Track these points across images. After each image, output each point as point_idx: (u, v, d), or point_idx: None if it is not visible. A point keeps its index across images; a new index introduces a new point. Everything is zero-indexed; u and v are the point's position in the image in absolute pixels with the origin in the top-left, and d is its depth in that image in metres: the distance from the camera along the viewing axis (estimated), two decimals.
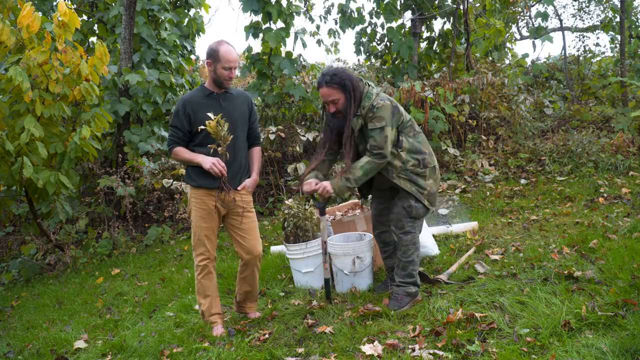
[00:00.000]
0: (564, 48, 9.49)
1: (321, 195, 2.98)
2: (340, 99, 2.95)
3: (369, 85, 3.05)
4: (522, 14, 10.97)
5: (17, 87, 4.71)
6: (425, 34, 9.23)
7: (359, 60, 10.46)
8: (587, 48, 10.34)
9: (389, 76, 8.68)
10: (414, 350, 2.46)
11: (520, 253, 3.72)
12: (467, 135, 7.61)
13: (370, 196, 3.53)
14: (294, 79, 7.88)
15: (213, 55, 2.92)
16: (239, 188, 3.04)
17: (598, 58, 10.67)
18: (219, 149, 2.87)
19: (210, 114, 2.83)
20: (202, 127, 2.84)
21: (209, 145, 2.90)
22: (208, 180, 2.95)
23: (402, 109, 3.08)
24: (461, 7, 8.43)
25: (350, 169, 2.95)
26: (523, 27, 12.13)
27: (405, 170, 3.02)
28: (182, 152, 2.98)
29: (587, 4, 10.35)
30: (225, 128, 2.83)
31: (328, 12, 9.28)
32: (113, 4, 8.11)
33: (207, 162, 2.87)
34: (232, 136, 2.89)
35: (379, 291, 3.40)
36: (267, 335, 2.93)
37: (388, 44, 9.25)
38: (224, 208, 3.04)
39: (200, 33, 9.06)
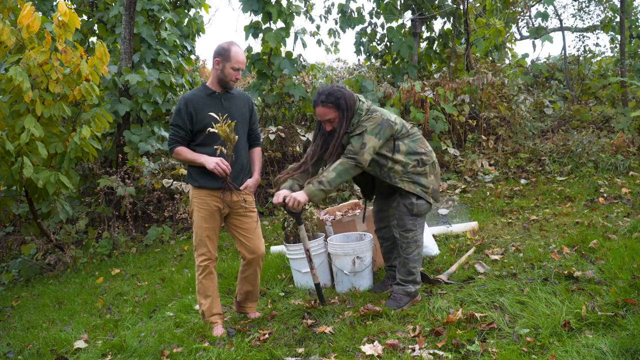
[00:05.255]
0: (564, 48, 9.49)
1: (292, 208, 2.92)
2: (336, 118, 2.98)
3: (360, 101, 3.05)
4: (522, 14, 10.96)
5: (17, 87, 4.71)
6: (425, 34, 9.23)
7: (359, 60, 10.46)
8: (587, 48, 10.34)
9: (389, 76, 8.67)
10: (414, 350, 2.46)
11: (520, 253, 3.72)
12: (467, 135, 7.60)
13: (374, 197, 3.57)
14: (294, 79, 7.88)
15: (223, 54, 2.90)
16: (241, 188, 3.04)
17: (598, 58, 10.68)
18: (226, 150, 2.86)
19: (214, 115, 2.82)
20: (211, 129, 2.82)
21: (215, 147, 2.89)
22: (210, 180, 2.95)
23: (396, 119, 3.06)
24: (461, 7, 8.43)
25: (324, 171, 2.94)
26: (523, 27, 12.15)
27: (407, 173, 3.03)
28: (184, 152, 2.96)
29: (587, 4, 10.34)
30: (231, 128, 2.83)
31: (328, 12, 9.28)
32: (113, 4, 8.11)
33: (211, 162, 2.86)
34: (237, 137, 2.88)
35: (377, 290, 3.41)
36: (267, 335, 2.93)
37: (388, 44, 9.25)
38: (228, 208, 3.04)
39: (200, 33, 9.07)
